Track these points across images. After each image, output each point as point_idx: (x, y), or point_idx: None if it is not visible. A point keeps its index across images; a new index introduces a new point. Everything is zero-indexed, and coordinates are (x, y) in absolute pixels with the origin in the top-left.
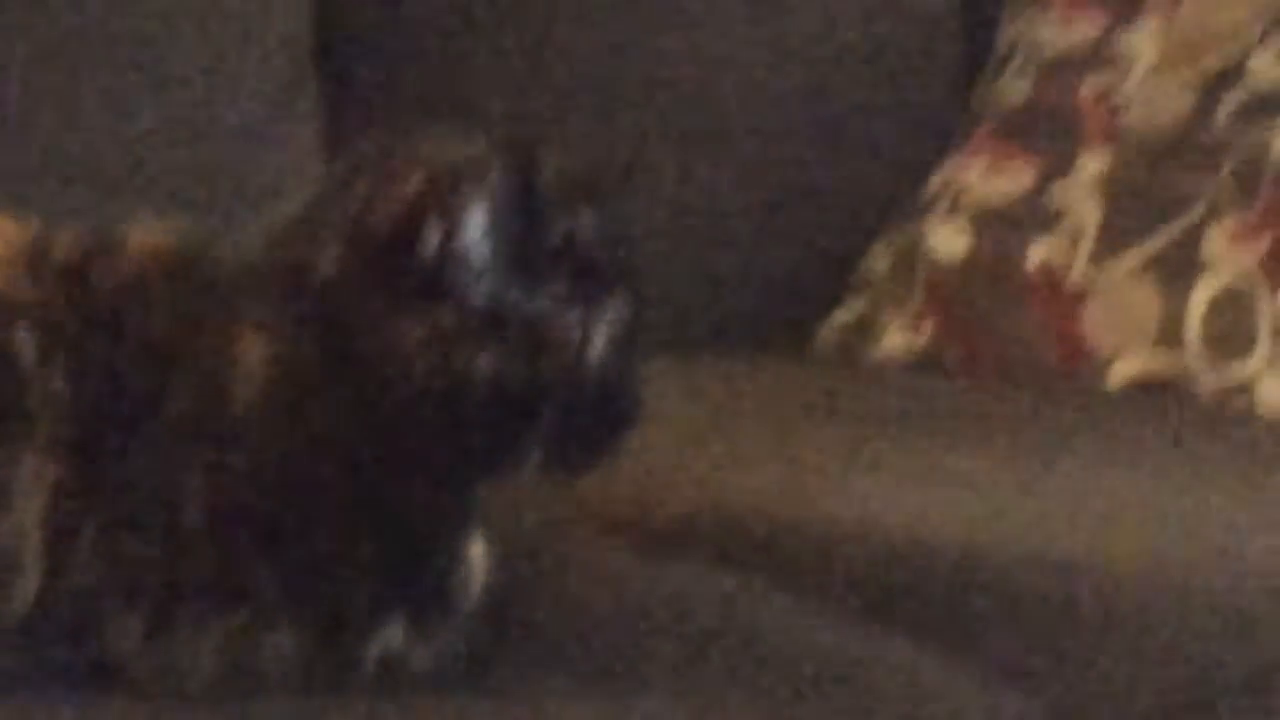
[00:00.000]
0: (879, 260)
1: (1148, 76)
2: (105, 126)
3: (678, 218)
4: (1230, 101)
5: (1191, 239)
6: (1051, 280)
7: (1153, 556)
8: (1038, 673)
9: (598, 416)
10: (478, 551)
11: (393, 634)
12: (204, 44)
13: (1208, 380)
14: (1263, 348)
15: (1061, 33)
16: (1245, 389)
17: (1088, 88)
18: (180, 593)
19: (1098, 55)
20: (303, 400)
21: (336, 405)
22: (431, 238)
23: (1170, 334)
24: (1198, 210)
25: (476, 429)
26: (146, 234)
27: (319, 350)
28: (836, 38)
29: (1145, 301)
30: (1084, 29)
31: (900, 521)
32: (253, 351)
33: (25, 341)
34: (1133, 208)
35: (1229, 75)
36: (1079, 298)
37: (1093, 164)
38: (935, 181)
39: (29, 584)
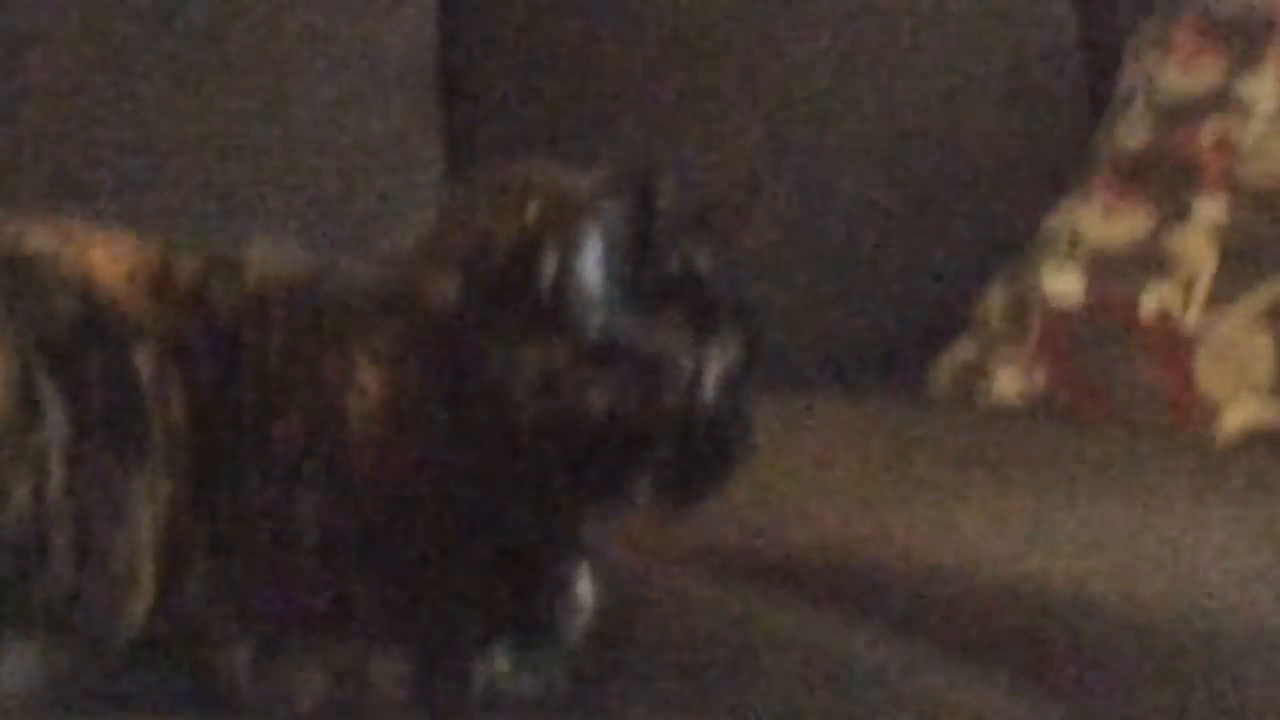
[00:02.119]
0: (993, 302)
1: (1268, 124)
2: (230, 149)
3: (793, 253)
4: None
5: None
6: (1165, 327)
7: (1246, 612)
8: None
9: (709, 451)
10: (585, 583)
11: (499, 661)
12: (328, 68)
13: None
14: None
15: (1182, 77)
16: None
17: (1207, 134)
18: (291, 616)
19: (1218, 101)
20: (416, 427)
21: (449, 433)
22: (547, 268)
23: None
24: None
25: (587, 461)
26: (267, 258)
27: (433, 378)
28: (958, 75)
29: (1259, 350)
30: (1205, 74)
31: (1000, 569)
32: (368, 378)
33: (144, 360)
34: (1248, 256)
35: None
36: (1192, 345)
37: (1210, 211)
38: (1052, 224)
39: (141, 602)
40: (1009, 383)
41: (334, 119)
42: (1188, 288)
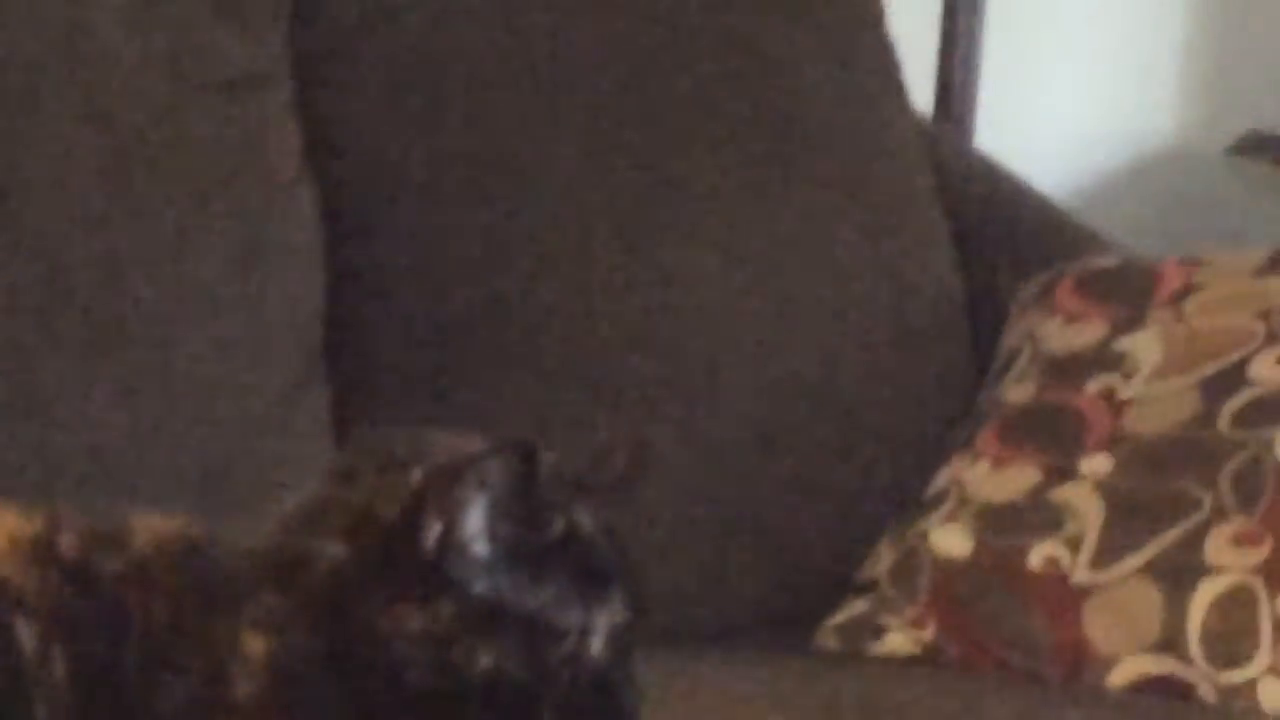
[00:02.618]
0: (883, 558)
1: (1151, 380)
2: (114, 418)
3: (679, 513)
4: (1232, 405)
5: (1194, 541)
6: (1054, 580)
7: None
8: None
9: (596, 712)
10: None
11: None
12: (213, 337)
13: (1210, 682)
14: (1265, 650)
15: (1066, 335)
16: (1248, 690)
17: (1091, 389)
18: None
19: (1102, 358)
20: (302, 692)
21: (335, 697)
22: (432, 531)
23: (1172, 636)
24: (1200, 513)
25: None
26: (150, 526)
27: (319, 641)
28: (843, 335)
29: (1147, 603)
30: (1089, 332)
31: None
32: (253, 644)
33: (26, 630)
34: (1135, 509)
35: (1231, 379)
36: (1081, 599)
37: (1096, 465)
38: (939, 480)
39: None
40: (899, 638)
41: (218, 379)
42: (1076, 542)
